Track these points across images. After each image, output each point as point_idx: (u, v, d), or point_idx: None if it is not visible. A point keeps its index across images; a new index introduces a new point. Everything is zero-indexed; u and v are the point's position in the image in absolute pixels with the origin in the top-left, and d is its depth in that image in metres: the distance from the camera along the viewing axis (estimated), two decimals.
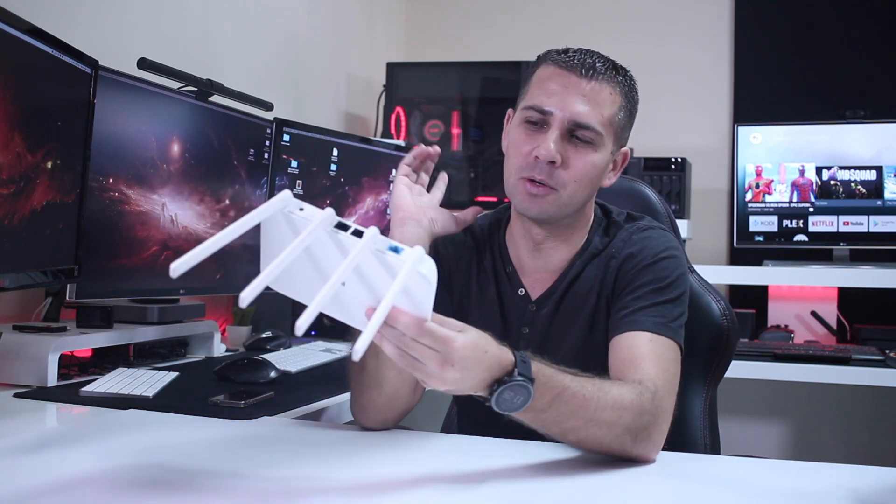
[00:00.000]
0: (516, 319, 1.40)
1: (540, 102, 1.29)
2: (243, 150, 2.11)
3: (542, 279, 1.40)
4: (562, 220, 1.35)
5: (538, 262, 1.39)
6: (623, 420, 1.10)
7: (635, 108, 1.37)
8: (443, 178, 1.45)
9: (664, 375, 1.20)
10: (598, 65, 1.30)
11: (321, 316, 1.03)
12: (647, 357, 1.22)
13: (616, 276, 1.34)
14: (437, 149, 1.42)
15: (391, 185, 2.51)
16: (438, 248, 1.46)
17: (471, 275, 1.43)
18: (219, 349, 2.05)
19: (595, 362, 1.23)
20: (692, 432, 1.57)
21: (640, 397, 1.13)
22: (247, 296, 0.83)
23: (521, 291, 1.40)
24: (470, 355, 0.99)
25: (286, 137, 2.21)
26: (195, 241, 1.97)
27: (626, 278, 1.33)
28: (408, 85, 3.16)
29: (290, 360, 1.89)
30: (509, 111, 1.42)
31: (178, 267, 0.84)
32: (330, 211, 0.94)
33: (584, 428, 1.09)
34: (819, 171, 2.92)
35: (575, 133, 1.28)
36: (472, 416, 1.49)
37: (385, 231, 1.09)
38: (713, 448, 1.59)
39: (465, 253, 1.45)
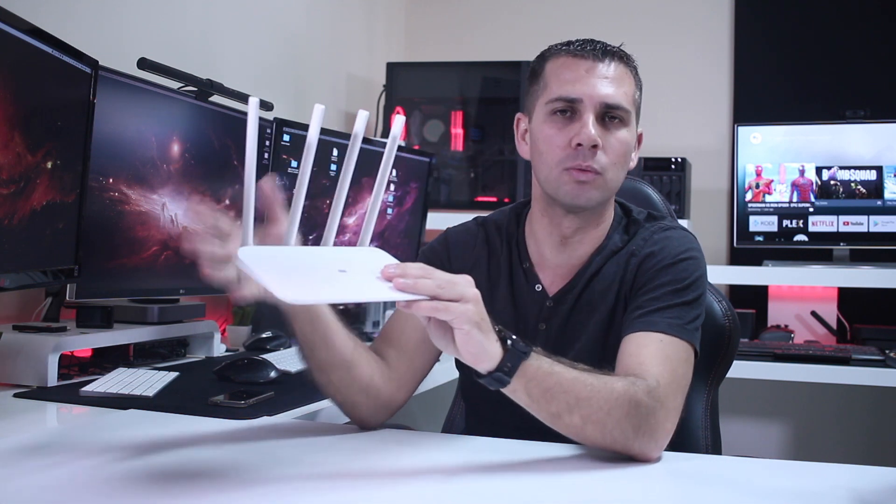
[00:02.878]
0: (533, 315, 1.38)
1: (566, 92, 1.30)
2: (243, 150, 2.11)
3: (561, 275, 1.38)
4: (599, 207, 1.35)
5: (561, 257, 1.38)
6: (620, 406, 1.10)
7: (642, 86, 1.39)
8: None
9: (669, 374, 1.19)
10: (608, 48, 1.33)
11: None
12: (653, 356, 1.21)
13: (635, 274, 1.33)
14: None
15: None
16: (450, 243, 1.46)
17: (481, 271, 1.42)
18: (219, 349, 2.05)
19: (611, 360, 1.23)
20: (694, 432, 1.57)
21: (631, 386, 1.12)
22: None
23: (538, 287, 1.39)
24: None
25: (286, 137, 2.21)
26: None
27: (645, 277, 1.32)
28: (408, 85, 3.16)
29: (290, 360, 1.89)
30: (518, 116, 1.41)
31: None
32: None
33: (585, 404, 1.10)
34: (819, 171, 2.92)
35: (607, 114, 1.30)
36: (481, 414, 1.49)
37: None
38: (714, 448, 1.60)
39: (477, 249, 1.44)
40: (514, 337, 1.08)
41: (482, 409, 1.48)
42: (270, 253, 1.01)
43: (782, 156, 2.95)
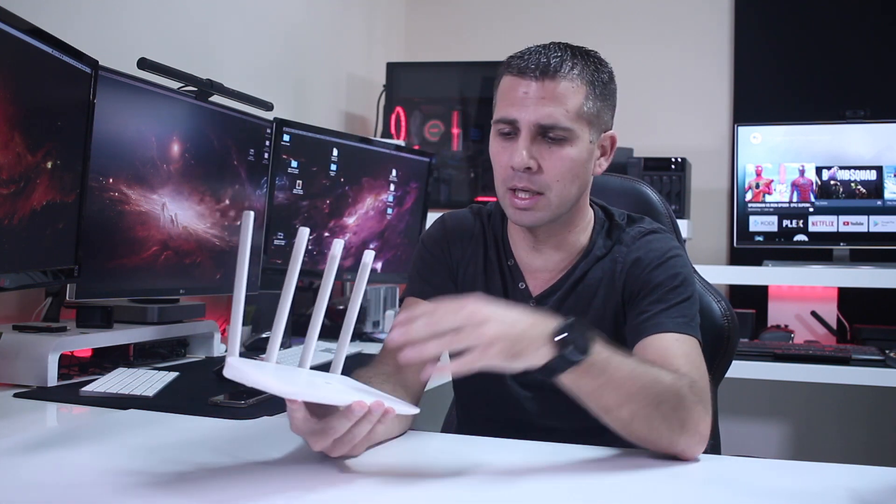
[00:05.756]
0: None
1: (505, 114, 1.31)
2: (243, 150, 2.11)
3: (544, 276, 1.40)
4: (557, 220, 1.35)
5: (538, 261, 1.40)
6: (667, 400, 1.11)
7: (608, 89, 1.34)
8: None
9: (697, 371, 1.22)
10: (553, 62, 1.28)
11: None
12: (677, 356, 1.23)
13: (625, 281, 1.35)
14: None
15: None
16: (448, 229, 1.46)
17: (477, 265, 1.44)
18: (219, 349, 2.04)
19: None
20: None
21: (678, 380, 1.14)
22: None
23: (522, 286, 1.41)
24: (492, 304, 1.02)
25: (286, 137, 2.21)
26: (195, 241, 1.97)
27: (638, 283, 1.34)
28: (408, 85, 3.16)
29: (290, 360, 1.89)
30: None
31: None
32: None
33: (635, 399, 1.10)
34: (819, 171, 2.92)
35: (546, 135, 1.29)
36: (473, 416, 1.50)
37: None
38: (713, 448, 1.59)
39: (475, 238, 1.46)
40: (570, 339, 1.05)
41: (473, 409, 1.49)
42: (259, 365, 1.06)
43: (782, 156, 2.95)
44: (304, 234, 1.05)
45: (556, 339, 1.04)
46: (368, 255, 1.12)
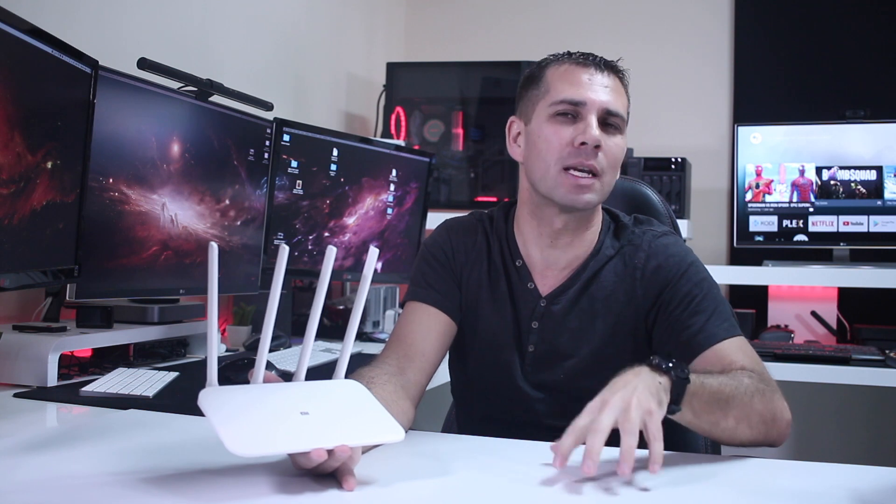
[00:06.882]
0: (526, 314, 1.41)
1: (571, 95, 1.34)
2: (243, 150, 2.11)
3: (553, 276, 1.41)
4: (592, 210, 1.39)
5: (550, 258, 1.40)
6: (753, 398, 1.18)
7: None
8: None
9: (757, 363, 1.28)
10: (607, 61, 1.38)
11: (321, 315, 1.05)
12: (733, 357, 1.29)
13: (646, 289, 1.37)
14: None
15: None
16: (452, 236, 1.47)
17: (482, 267, 1.44)
18: (219, 349, 2.04)
19: (614, 366, 1.24)
20: (692, 433, 1.57)
21: (751, 379, 1.21)
22: None
23: (531, 285, 1.41)
24: (612, 391, 1.05)
25: (286, 137, 2.21)
26: (195, 241, 1.97)
27: (666, 295, 1.35)
28: (408, 85, 3.16)
29: (290, 360, 1.89)
30: (512, 119, 1.44)
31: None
32: None
33: (734, 404, 1.16)
34: (819, 171, 2.92)
35: (606, 121, 1.34)
36: (475, 416, 1.50)
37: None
38: (713, 448, 1.59)
39: (478, 244, 1.46)
40: (670, 364, 1.10)
41: (472, 405, 1.49)
42: (232, 395, 1.03)
43: (782, 156, 2.95)
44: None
45: (669, 370, 1.09)
46: (372, 254, 1.08)
